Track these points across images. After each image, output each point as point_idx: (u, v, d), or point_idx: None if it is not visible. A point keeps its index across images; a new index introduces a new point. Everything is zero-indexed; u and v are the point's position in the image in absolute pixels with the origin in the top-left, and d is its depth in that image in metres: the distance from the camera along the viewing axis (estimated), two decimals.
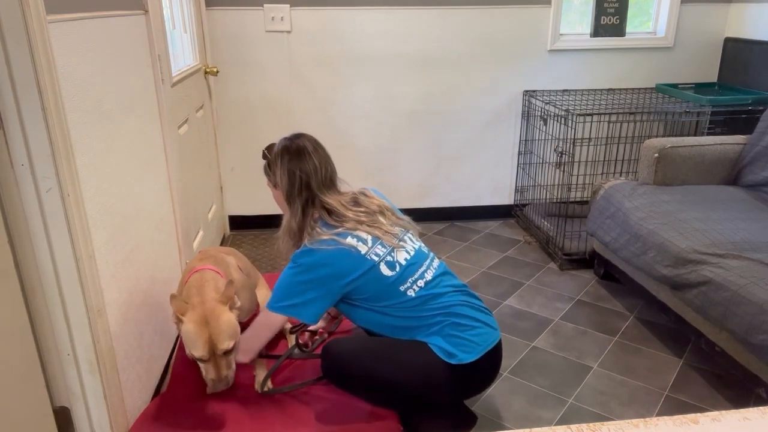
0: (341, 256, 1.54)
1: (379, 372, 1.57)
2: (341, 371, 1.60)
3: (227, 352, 1.49)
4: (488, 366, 1.60)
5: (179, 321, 1.50)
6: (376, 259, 1.56)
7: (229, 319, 1.50)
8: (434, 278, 1.62)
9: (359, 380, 1.59)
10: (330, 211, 1.61)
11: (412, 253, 1.63)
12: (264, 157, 1.70)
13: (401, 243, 1.63)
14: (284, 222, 1.66)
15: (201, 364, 1.52)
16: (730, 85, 3.24)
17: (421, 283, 1.59)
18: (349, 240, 1.56)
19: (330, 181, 1.66)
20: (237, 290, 1.72)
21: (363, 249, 1.56)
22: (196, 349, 1.47)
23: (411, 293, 1.57)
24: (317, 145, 1.67)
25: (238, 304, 1.58)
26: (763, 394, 1.72)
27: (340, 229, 1.57)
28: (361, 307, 1.62)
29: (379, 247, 1.58)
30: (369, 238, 1.58)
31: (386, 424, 1.60)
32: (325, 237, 1.55)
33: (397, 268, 1.58)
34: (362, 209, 1.64)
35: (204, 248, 1.89)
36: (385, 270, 1.56)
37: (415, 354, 1.56)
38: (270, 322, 1.61)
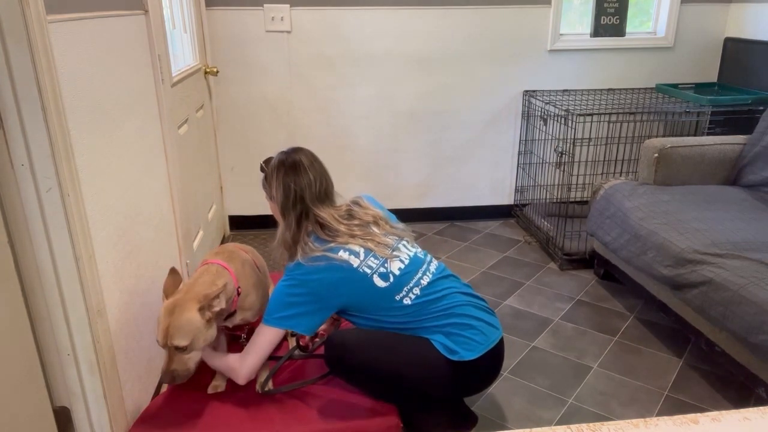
0: (333, 271, 1.54)
1: (380, 363, 1.57)
2: (343, 361, 1.60)
3: (180, 349, 1.49)
4: (490, 365, 1.61)
5: (163, 300, 1.54)
6: (369, 271, 1.57)
7: (190, 318, 1.49)
8: (431, 283, 1.62)
9: (360, 370, 1.60)
10: (323, 225, 1.61)
11: (407, 261, 1.63)
12: (262, 170, 1.72)
13: (395, 253, 1.63)
14: (279, 234, 1.66)
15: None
16: (730, 85, 3.24)
17: (416, 290, 1.59)
18: (341, 254, 1.56)
19: (324, 195, 1.66)
20: (248, 289, 1.71)
21: (355, 262, 1.56)
22: (156, 334, 1.51)
23: (407, 301, 1.58)
24: (314, 160, 1.68)
25: (217, 308, 1.56)
26: (763, 394, 1.72)
27: (332, 244, 1.58)
28: (359, 317, 1.62)
29: (372, 259, 1.58)
30: (361, 250, 1.58)
31: (386, 421, 1.61)
32: (317, 253, 1.56)
33: (391, 279, 1.58)
34: (356, 222, 1.65)
35: (226, 243, 1.92)
36: (378, 281, 1.57)
37: (418, 348, 1.57)
38: (267, 337, 1.59)
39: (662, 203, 2.30)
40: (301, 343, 1.88)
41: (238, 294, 1.67)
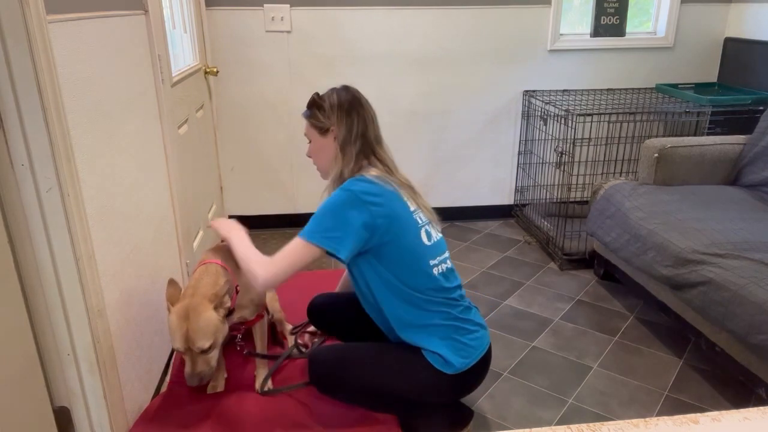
0: (394, 200, 1.50)
1: (369, 380, 1.54)
2: (329, 379, 1.58)
3: (204, 351, 1.49)
4: (482, 368, 1.59)
5: (168, 309, 1.52)
6: (420, 222, 1.55)
7: (209, 317, 1.49)
8: (450, 269, 1.61)
9: (348, 388, 1.57)
10: (381, 161, 1.59)
11: (437, 238, 1.61)
12: (314, 103, 1.62)
13: (432, 223, 1.61)
14: (336, 172, 1.57)
15: (184, 358, 1.53)
16: (730, 85, 3.24)
17: (443, 267, 1.57)
18: (400, 192, 1.54)
19: (379, 136, 1.64)
20: (246, 286, 1.71)
21: (412, 206, 1.55)
22: (174, 342, 1.49)
23: (436, 271, 1.55)
24: (365, 98, 1.66)
25: (228, 304, 1.57)
26: (763, 394, 1.72)
27: (391, 179, 1.54)
28: (384, 271, 1.52)
29: (420, 214, 1.57)
30: (411, 201, 1.56)
31: (386, 428, 1.60)
32: (381, 175, 1.51)
33: (433, 240, 1.56)
34: (403, 178, 1.62)
35: (223, 243, 1.89)
36: (423, 236, 1.54)
37: (407, 362, 1.54)
38: (303, 252, 1.45)
39: (662, 203, 2.30)
40: (299, 341, 1.88)
41: (237, 292, 1.67)
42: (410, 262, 1.52)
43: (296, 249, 1.46)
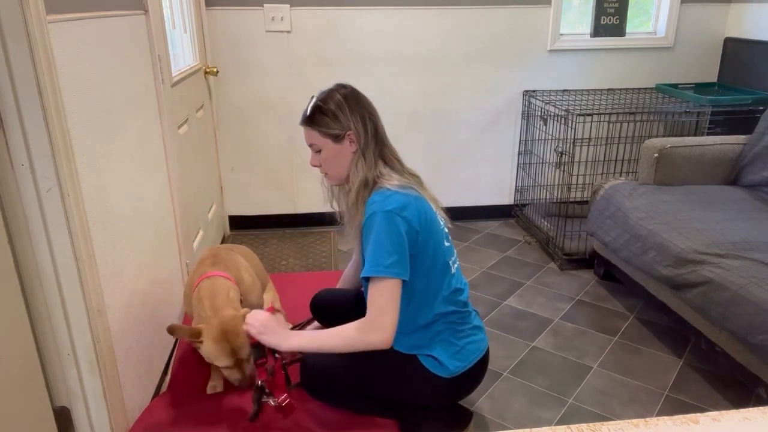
0: (424, 204, 1.45)
1: (362, 385, 1.54)
2: (322, 384, 1.57)
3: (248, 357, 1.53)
4: (478, 371, 1.59)
5: (198, 344, 1.50)
6: (441, 222, 1.52)
7: (243, 327, 1.52)
8: (459, 272, 1.60)
9: (342, 393, 1.56)
10: (397, 161, 1.53)
11: (449, 240, 1.59)
12: (319, 109, 1.48)
13: (445, 225, 1.58)
14: (359, 179, 1.46)
15: (225, 370, 1.54)
16: (730, 85, 3.24)
17: (454, 268, 1.56)
18: (423, 195, 1.49)
19: (384, 130, 1.55)
20: (246, 291, 1.72)
21: (434, 205, 1.51)
22: (221, 362, 1.50)
23: (453, 270, 1.53)
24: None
25: (242, 310, 1.59)
26: (763, 394, 1.72)
27: (408, 181, 1.48)
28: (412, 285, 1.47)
29: (438, 213, 1.54)
30: (433, 203, 1.53)
31: (386, 430, 1.60)
32: (403, 183, 1.45)
33: (449, 242, 1.54)
34: (413, 171, 1.57)
35: (215, 246, 1.87)
36: (444, 239, 1.52)
37: (402, 365, 1.53)
38: (392, 290, 1.37)
39: (662, 203, 2.30)
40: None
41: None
42: (438, 265, 1.49)
43: (375, 293, 1.38)
